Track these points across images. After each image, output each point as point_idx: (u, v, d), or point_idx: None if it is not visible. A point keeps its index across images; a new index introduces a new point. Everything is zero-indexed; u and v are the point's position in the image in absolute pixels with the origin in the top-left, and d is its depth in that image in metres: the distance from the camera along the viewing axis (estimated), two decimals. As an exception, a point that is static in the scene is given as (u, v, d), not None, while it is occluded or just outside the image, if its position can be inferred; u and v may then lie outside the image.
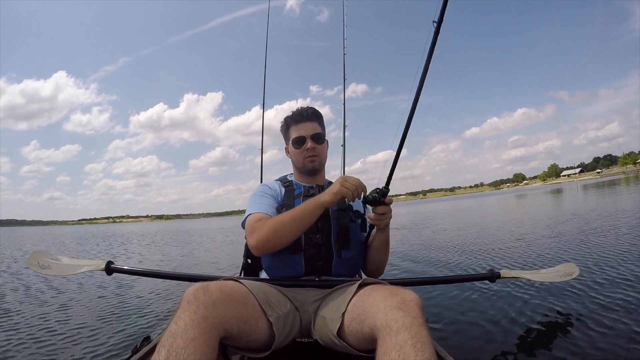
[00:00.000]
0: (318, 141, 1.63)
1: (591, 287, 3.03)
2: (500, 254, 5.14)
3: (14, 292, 4.21)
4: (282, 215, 1.39)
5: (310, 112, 1.65)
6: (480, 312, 2.67)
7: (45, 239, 21.27)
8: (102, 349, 2.32)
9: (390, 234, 1.49)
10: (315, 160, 1.62)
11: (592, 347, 1.99)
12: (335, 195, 1.32)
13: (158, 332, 1.98)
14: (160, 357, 0.85)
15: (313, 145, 1.61)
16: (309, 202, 1.36)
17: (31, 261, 1.94)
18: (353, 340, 1.14)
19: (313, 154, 1.62)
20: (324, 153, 1.67)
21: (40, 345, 2.42)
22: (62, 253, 9.14)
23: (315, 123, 1.65)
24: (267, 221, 1.40)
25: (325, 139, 1.70)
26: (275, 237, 1.36)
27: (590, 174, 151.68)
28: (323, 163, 1.68)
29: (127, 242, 15.35)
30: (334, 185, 1.34)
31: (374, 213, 1.39)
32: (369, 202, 1.37)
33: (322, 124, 1.69)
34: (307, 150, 1.61)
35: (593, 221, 7.54)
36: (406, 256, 5.71)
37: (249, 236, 1.42)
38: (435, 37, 1.15)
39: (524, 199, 25.82)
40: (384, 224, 1.43)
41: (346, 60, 3.37)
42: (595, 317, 2.39)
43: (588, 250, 4.68)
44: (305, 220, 1.36)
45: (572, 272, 2.33)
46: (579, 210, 11.03)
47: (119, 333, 2.62)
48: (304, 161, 1.62)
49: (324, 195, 1.34)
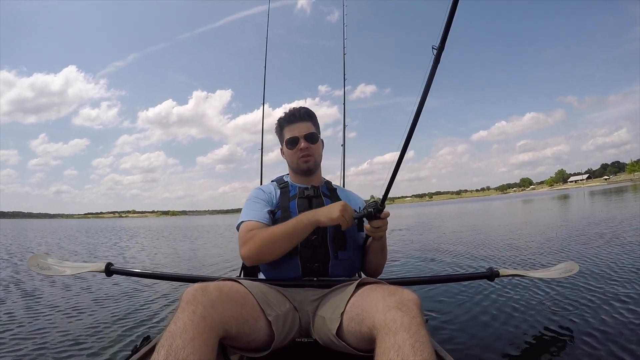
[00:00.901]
0: (311, 141, 1.62)
1: (591, 285, 3.04)
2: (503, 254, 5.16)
3: (13, 293, 4.19)
4: (275, 229, 1.39)
5: (302, 112, 1.65)
6: (480, 311, 2.68)
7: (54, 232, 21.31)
8: (102, 349, 2.33)
9: (392, 236, 1.49)
10: (309, 160, 1.62)
11: (592, 346, 1.99)
12: (332, 221, 1.33)
13: (158, 332, 1.98)
14: (160, 357, 0.85)
15: (306, 145, 1.60)
16: (303, 219, 1.37)
17: (31, 263, 1.95)
18: (352, 340, 1.14)
19: (307, 154, 1.61)
20: (318, 153, 1.66)
21: (40, 346, 2.41)
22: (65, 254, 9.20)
23: (308, 123, 1.64)
24: (259, 233, 1.40)
25: (320, 139, 1.69)
26: (265, 251, 1.37)
27: (597, 181, 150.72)
28: (318, 163, 1.67)
29: (136, 236, 15.42)
30: (333, 210, 1.34)
31: (370, 226, 1.39)
32: (365, 217, 1.38)
33: (316, 124, 1.68)
34: (301, 151, 1.61)
35: (596, 227, 7.47)
36: (406, 255, 5.72)
37: (241, 246, 1.42)
38: (436, 64, 1.05)
39: (531, 204, 25.65)
40: (379, 235, 1.44)
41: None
42: (595, 316, 2.39)
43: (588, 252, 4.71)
44: (297, 236, 1.37)
45: (571, 269, 2.32)
46: (584, 217, 10.94)
47: (119, 333, 2.62)
48: (298, 161, 1.62)
49: (321, 216, 1.35)
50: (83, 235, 16.95)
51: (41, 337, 2.60)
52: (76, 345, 2.42)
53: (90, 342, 2.46)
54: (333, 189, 1.71)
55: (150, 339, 1.57)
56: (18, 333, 2.70)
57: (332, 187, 1.72)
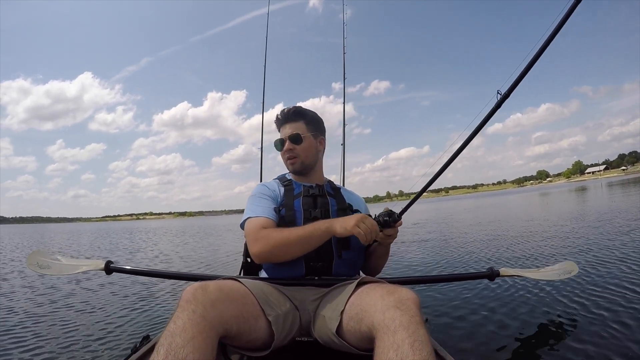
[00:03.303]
0: (296, 142, 1.60)
1: (591, 285, 3.01)
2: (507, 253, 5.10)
3: (14, 292, 4.24)
4: (290, 232, 1.37)
5: (290, 112, 1.64)
6: (480, 311, 2.66)
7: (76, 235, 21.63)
8: (102, 348, 2.34)
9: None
10: (295, 162, 1.61)
11: (592, 345, 1.97)
12: (347, 232, 1.30)
13: (158, 331, 1.99)
14: (159, 356, 0.85)
15: (290, 147, 1.60)
16: (319, 227, 1.35)
17: (30, 261, 1.93)
18: (352, 338, 1.14)
19: (291, 156, 1.61)
20: (304, 153, 1.63)
21: (40, 345, 2.43)
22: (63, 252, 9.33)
23: (295, 123, 1.63)
24: (273, 234, 1.39)
25: (312, 138, 1.65)
26: (279, 252, 1.37)
27: (615, 171, 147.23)
28: (307, 163, 1.64)
29: (152, 236, 15.61)
30: (349, 221, 1.30)
31: (382, 233, 1.39)
32: (380, 224, 1.37)
33: (307, 122, 1.65)
34: (285, 152, 1.62)
35: (611, 221, 7.29)
36: (407, 254, 5.70)
37: (252, 244, 1.41)
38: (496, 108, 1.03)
39: (547, 197, 25.20)
40: (388, 243, 1.46)
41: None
42: (594, 315, 2.36)
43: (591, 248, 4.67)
44: (312, 243, 1.36)
45: (571, 270, 2.30)
46: (602, 211, 10.71)
47: (119, 332, 2.64)
48: (286, 163, 1.64)
49: (337, 226, 1.32)
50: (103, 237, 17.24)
51: (40, 336, 2.62)
52: (75, 343, 2.44)
53: (90, 341, 2.48)
54: (337, 188, 1.71)
55: (150, 338, 1.57)
56: (17, 332, 2.73)
57: (336, 187, 1.72)
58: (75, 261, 2.05)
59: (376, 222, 1.35)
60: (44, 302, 3.68)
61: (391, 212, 1.38)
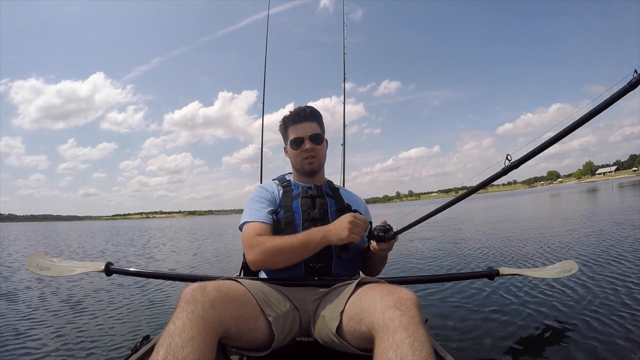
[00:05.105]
0: (316, 142, 1.60)
1: (590, 284, 3.01)
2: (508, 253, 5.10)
3: (14, 292, 4.27)
4: (284, 241, 1.38)
5: (308, 111, 1.62)
6: (480, 310, 2.66)
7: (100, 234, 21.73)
8: (102, 348, 2.36)
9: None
10: (314, 162, 1.60)
11: (591, 344, 1.97)
12: (342, 241, 1.32)
13: (157, 332, 2.01)
14: (159, 356, 0.86)
15: (311, 147, 1.59)
16: (314, 235, 1.35)
17: (30, 262, 1.93)
18: (352, 339, 1.14)
19: (311, 155, 1.60)
20: (322, 153, 1.65)
21: (40, 346, 2.45)
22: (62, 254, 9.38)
23: (313, 123, 1.63)
24: (267, 242, 1.39)
25: (325, 139, 1.67)
26: (274, 260, 1.39)
27: (626, 172, 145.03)
28: (322, 163, 1.66)
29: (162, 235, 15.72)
30: (342, 231, 1.31)
31: (377, 246, 1.40)
32: (374, 239, 1.38)
33: (320, 124, 1.66)
34: (305, 152, 1.59)
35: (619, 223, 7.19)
36: (407, 254, 5.70)
37: (248, 250, 1.43)
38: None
39: (557, 199, 24.90)
40: (383, 255, 1.48)
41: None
42: (593, 314, 2.36)
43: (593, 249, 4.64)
44: (306, 252, 1.37)
45: (570, 269, 2.27)
46: (614, 211, 10.59)
47: (119, 332, 2.66)
48: (302, 162, 1.61)
49: (332, 238, 1.33)
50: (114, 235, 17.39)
51: (41, 336, 2.64)
52: (76, 344, 2.46)
53: (90, 342, 2.50)
54: (335, 188, 1.70)
55: (149, 339, 1.59)
56: (18, 332, 2.75)
57: (335, 187, 1.71)
58: (75, 263, 2.04)
59: (371, 234, 1.38)
60: (43, 302, 3.71)
61: (388, 228, 1.38)
